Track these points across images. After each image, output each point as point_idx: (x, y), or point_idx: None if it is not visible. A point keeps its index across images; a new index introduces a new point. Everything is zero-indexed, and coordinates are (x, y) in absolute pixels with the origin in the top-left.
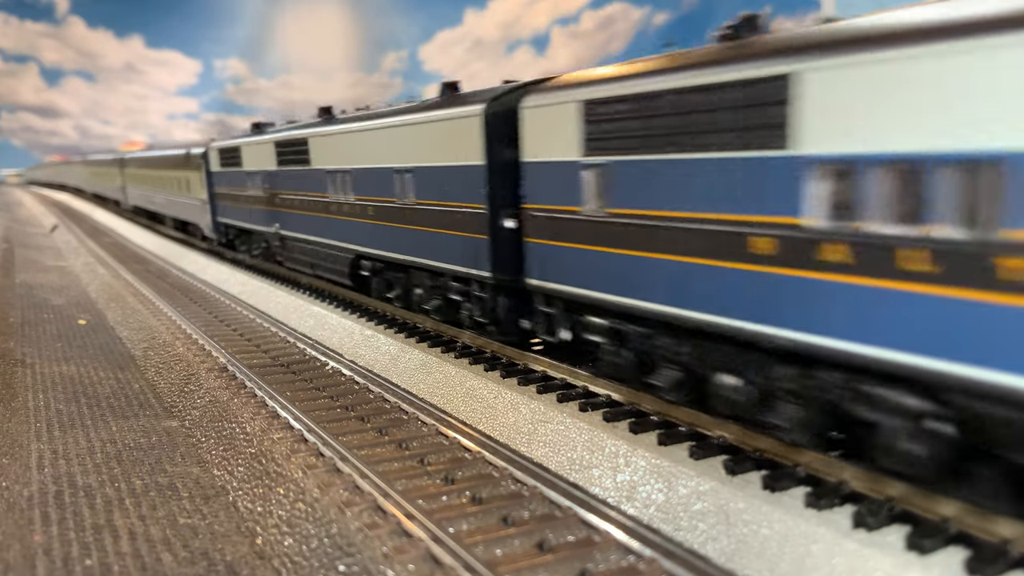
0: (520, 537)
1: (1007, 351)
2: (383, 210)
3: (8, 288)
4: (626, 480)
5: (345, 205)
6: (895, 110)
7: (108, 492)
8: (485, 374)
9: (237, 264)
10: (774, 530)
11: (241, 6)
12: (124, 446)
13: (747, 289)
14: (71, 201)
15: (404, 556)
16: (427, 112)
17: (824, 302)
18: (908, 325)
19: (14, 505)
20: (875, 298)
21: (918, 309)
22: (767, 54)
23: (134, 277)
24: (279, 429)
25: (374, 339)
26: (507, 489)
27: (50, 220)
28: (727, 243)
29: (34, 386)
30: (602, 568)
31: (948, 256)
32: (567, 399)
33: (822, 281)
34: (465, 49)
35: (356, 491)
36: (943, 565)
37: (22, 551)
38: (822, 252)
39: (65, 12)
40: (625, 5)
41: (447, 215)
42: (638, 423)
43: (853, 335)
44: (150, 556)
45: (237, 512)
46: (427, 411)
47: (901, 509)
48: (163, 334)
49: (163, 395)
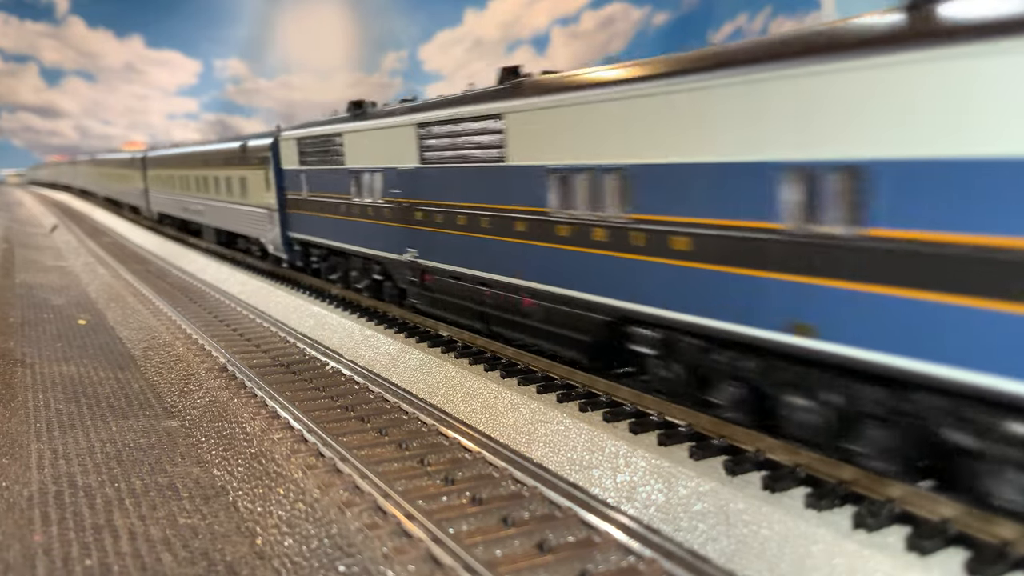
0: (520, 537)
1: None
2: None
3: (8, 288)
4: (626, 480)
5: (605, 229)
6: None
7: (108, 492)
8: (485, 374)
9: (237, 264)
10: (774, 531)
11: (241, 6)
12: (124, 446)
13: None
14: (71, 201)
15: (404, 556)
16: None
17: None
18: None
19: (14, 505)
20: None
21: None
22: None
23: (134, 277)
24: (279, 429)
25: (374, 339)
26: (507, 489)
27: (50, 220)
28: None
29: (34, 386)
30: (602, 568)
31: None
32: (567, 399)
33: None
34: (465, 49)
35: (356, 491)
36: (943, 566)
37: (22, 551)
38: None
39: (65, 12)
40: (625, 5)
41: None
42: (638, 423)
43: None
44: (150, 556)
45: (237, 512)
46: (427, 411)
47: (901, 510)
48: (163, 334)
49: (163, 395)
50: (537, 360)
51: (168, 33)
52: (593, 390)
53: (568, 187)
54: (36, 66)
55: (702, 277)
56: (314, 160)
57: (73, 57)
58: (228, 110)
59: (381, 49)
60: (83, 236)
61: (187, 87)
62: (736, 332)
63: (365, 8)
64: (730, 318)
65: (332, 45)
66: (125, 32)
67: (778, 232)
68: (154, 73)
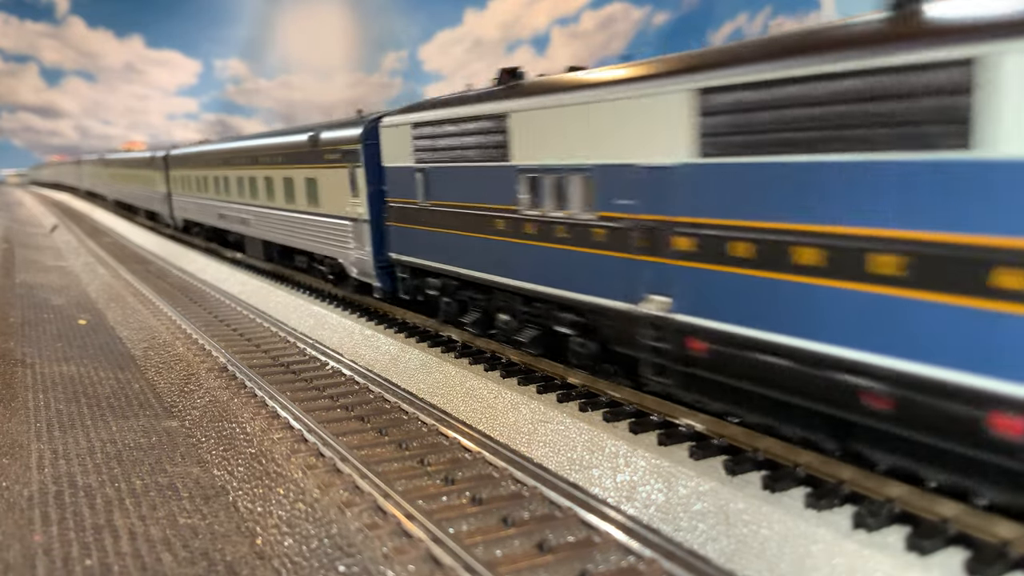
0: (520, 537)
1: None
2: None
3: (8, 288)
4: (626, 480)
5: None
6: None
7: (108, 492)
8: (485, 374)
9: (237, 264)
10: (774, 531)
11: (241, 6)
12: (124, 446)
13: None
14: (72, 201)
15: (404, 556)
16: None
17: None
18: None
19: (14, 505)
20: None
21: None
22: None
23: (134, 277)
24: (279, 429)
25: (374, 339)
26: (507, 489)
27: (50, 220)
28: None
29: (34, 386)
30: (602, 568)
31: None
32: (567, 399)
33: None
34: (465, 49)
35: (356, 491)
36: (943, 566)
37: (22, 551)
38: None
39: (65, 12)
40: (625, 5)
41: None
42: (638, 423)
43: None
44: (150, 556)
45: (237, 512)
46: (427, 411)
47: (901, 510)
48: (163, 334)
49: (163, 395)
50: (538, 361)
51: (168, 33)
52: (593, 390)
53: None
54: (36, 66)
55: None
56: (443, 154)
57: (73, 57)
58: (228, 110)
59: (381, 49)
60: (83, 236)
61: (187, 87)
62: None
63: (365, 8)
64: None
65: (332, 45)
66: (125, 32)
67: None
68: (154, 73)
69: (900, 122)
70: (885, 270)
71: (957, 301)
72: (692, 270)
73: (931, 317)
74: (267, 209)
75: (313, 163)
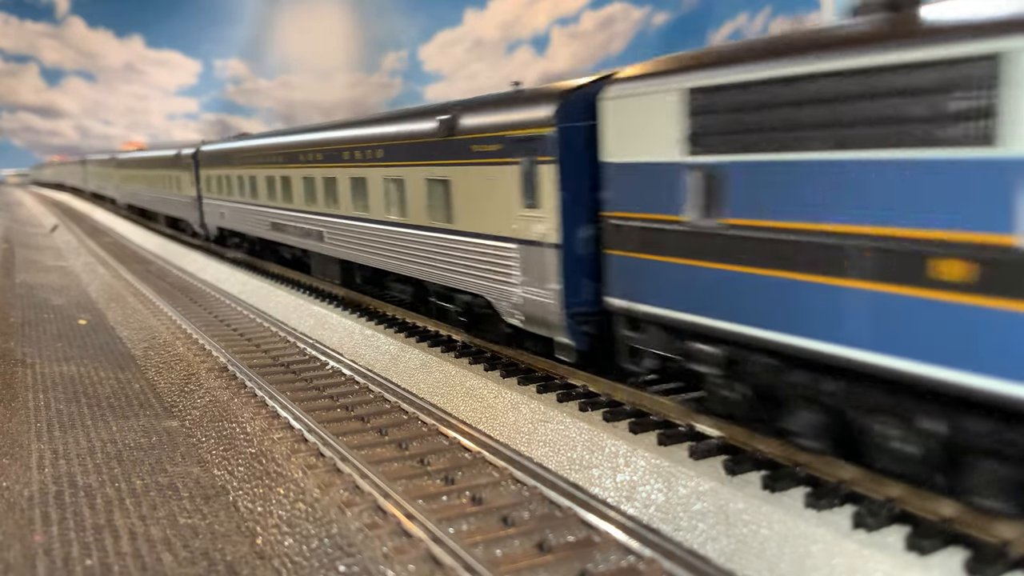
0: (520, 537)
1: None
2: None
3: (8, 288)
4: (626, 480)
5: None
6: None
7: (108, 492)
8: (485, 374)
9: (237, 264)
10: (774, 530)
11: (241, 6)
12: (124, 446)
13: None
14: (72, 201)
15: (404, 556)
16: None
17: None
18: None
19: (14, 505)
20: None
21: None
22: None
23: (134, 277)
24: (279, 429)
25: (374, 339)
26: (507, 489)
27: (50, 220)
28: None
29: (34, 386)
30: (602, 568)
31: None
32: (567, 399)
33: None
34: (465, 49)
35: (356, 491)
36: (943, 566)
37: (22, 551)
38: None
39: (65, 12)
40: (625, 5)
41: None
42: (638, 423)
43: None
44: (150, 556)
45: (237, 512)
46: (427, 411)
47: (901, 510)
48: (163, 334)
49: (163, 395)
50: (538, 360)
51: (168, 33)
52: (593, 390)
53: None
54: (36, 66)
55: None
56: (770, 139)
57: (73, 57)
58: (228, 110)
59: (381, 49)
60: (83, 236)
61: (187, 87)
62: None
63: (365, 8)
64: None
65: (332, 45)
66: (125, 32)
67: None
68: (154, 73)
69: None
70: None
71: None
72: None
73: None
74: (354, 221)
75: (445, 158)
